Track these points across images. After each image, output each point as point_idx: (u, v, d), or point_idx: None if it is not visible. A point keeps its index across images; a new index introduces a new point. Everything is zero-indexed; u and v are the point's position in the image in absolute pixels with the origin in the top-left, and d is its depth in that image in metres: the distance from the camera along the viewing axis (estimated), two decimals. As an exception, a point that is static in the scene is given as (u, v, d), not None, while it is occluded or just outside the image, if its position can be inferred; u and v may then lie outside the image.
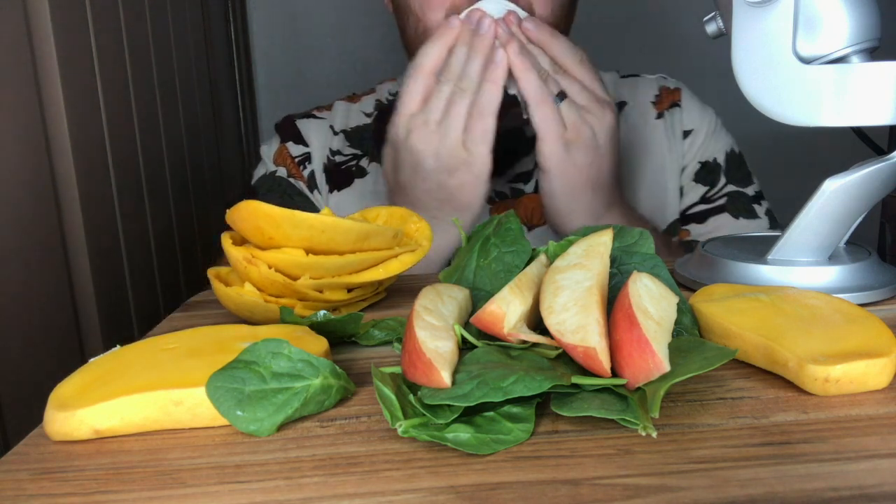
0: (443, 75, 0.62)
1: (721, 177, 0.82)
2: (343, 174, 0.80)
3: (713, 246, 0.53)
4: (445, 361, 0.31)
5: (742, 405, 0.31)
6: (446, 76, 0.61)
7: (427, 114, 0.61)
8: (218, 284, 0.44)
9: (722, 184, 0.81)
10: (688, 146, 0.82)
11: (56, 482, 0.28)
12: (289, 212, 0.41)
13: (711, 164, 0.82)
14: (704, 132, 0.83)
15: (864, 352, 0.32)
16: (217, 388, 0.30)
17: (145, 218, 0.78)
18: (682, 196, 0.82)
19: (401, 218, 0.51)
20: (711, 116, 0.84)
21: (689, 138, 0.82)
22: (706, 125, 0.83)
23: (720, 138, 0.84)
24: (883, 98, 0.43)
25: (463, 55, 0.61)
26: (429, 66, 0.62)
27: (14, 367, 0.54)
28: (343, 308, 0.47)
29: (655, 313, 0.32)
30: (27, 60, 0.58)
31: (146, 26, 0.82)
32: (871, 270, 0.46)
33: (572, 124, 0.62)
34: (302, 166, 0.81)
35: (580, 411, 0.29)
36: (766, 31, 0.44)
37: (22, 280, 0.56)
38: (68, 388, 0.32)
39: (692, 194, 0.82)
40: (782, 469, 0.26)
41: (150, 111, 0.82)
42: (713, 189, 0.81)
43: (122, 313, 0.71)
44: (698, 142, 0.82)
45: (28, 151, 0.58)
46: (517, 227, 0.43)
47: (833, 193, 0.45)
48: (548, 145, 0.61)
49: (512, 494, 0.25)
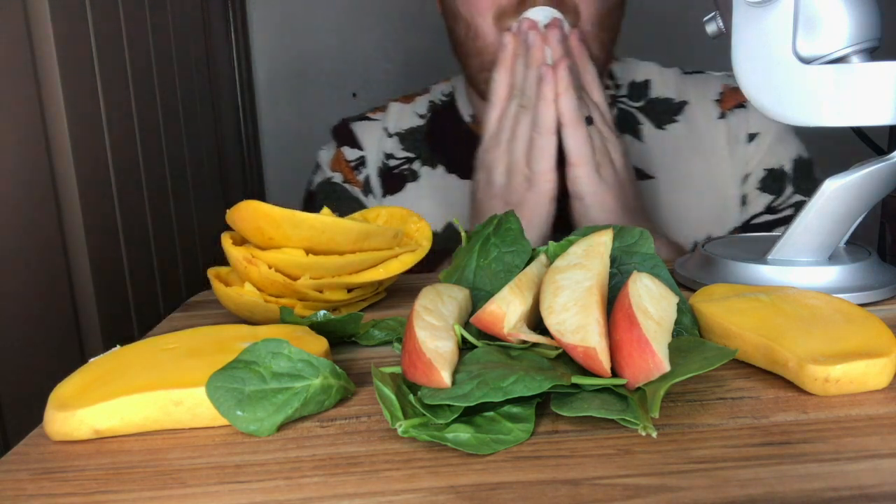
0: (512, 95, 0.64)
1: (788, 185, 0.76)
2: (396, 178, 0.80)
3: (713, 246, 0.53)
4: (445, 361, 0.31)
5: (742, 405, 0.31)
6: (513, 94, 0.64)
7: (500, 133, 0.63)
8: (218, 284, 0.44)
9: (789, 193, 0.76)
10: (753, 151, 0.77)
11: (56, 482, 0.28)
12: (289, 212, 0.41)
13: (777, 172, 0.77)
14: (771, 136, 0.77)
15: (864, 352, 0.32)
16: (217, 388, 0.30)
17: (145, 218, 0.78)
18: (746, 204, 0.77)
19: (401, 218, 0.51)
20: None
21: (755, 142, 0.77)
22: (773, 128, 0.77)
23: (788, 143, 0.78)
24: (883, 98, 0.43)
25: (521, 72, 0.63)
26: (502, 92, 0.64)
27: (14, 367, 0.54)
28: (343, 308, 0.47)
29: (655, 313, 0.32)
30: (27, 60, 0.58)
31: (146, 26, 0.82)
32: (871, 270, 0.46)
33: (599, 149, 0.62)
34: (357, 171, 0.81)
35: (580, 411, 0.29)
36: (766, 30, 0.44)
37: (22, 280, 0.56)
38: (68, 388, 0.32)
39: (757, 203, 0.77)
40: (782, 469, 0.26)
41: (150, 111, 0.82)
42: (779, 198, 0.76)
43: (122, 313, 0.71)
44: (764, 146, 0.77)
45: (28, 151, 0.58)
46: (517, 227, 0.43)
47: (833, 193, 0.45)
48: (582, 169, 0.61)
49: (512, 494, 0.25)
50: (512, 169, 0.63)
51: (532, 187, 0.62)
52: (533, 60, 0.63)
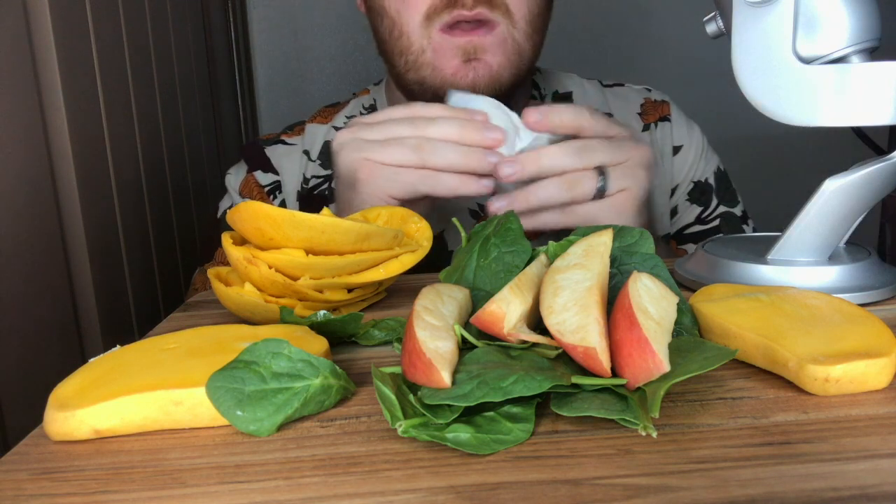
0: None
1: (713, 197, 0.81)
2: (315, 199, 0.77)
3: (713, 246, 0.53)
4: (445, 361, 0.31)
5: (742, 405, 0.31)
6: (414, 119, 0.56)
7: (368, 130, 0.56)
8: (218, 284, 0.44)
9: (714, 204, 0.81)
10: (678, 164, 0.80)
11: (56, 482, 0.28)
12: (289, 212, 0.41)
13: (703, 185, 0.81)
14: (695, 149, 0.81)
15: (864, 352, 0.32)
16: (217, 388, 0.30)
17: (145, 218, 0.78)
18: (677, 214, 0.81)
19: (402, 218, 0.51)
20: (698, 133, 0.82)
21: (680, 155, 0.80)
22: (695, 142, 0.81)
23: (710, 156, 0.82)
24: (883, 98, 0.43)
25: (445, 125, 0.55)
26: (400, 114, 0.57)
27: (14, 367, 0.54)
28: (343, 308, 0.47)
29: (655, 313, 0.32)
30: (27, 61, 0.58)
31: (146, 26, 0.82)
32: (871, 270, 0.46)
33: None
34: (272, 196, 0.78)
35: (580, 411, 0.29)
36: (766, 31, 0.44)
37: (22, 280, 0.56)
38: (68, 388, 0.32)
39: (687, 214, 0.80)
40: (782, 469, 0.26)
41: (150, 111, 0.82)
42: (707, 210, 0.80)
43: (122, 313, 0.71)
44: (690, 159, 0.81)
45: (28, 152, 0.58)
46: (517, 227, 0.43)
47: (833, 193, 0.45)
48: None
49: (512, 494, 0.25)
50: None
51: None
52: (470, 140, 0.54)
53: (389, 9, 0.67)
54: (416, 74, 0.68)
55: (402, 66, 0.69)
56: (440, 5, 0.64)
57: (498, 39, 0.66)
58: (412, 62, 0.68)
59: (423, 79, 0.68)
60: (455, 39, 0.65)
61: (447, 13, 0.64)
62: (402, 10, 0.66)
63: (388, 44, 0.69)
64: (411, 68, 0.68)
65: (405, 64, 0.69)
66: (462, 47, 0.66)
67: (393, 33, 0.68)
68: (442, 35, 0.66)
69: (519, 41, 0.67)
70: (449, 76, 0.66)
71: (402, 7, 0.66)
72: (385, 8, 0.68)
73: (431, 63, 0.67)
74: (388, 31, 0.69)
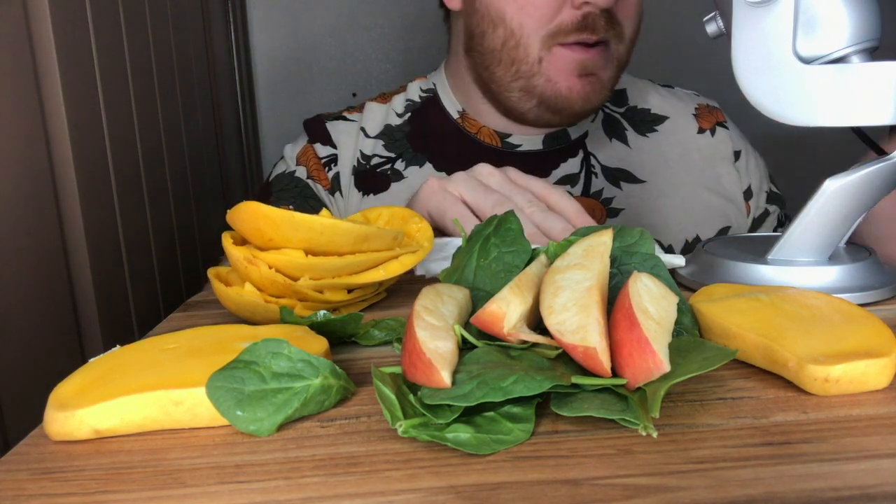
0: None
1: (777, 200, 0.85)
2: (379, 178, 0.79)
3: (713, 246, 0.53)
4: (445, 361, 0.31)
5: (742, 405, 0.31)
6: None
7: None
8: (218, 284, 0.44)
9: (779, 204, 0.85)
10: (741, 167, 0.83)
11: (56, 482, 0.28)
12: (288, 213, 0.41)
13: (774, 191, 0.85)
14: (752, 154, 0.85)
15: (864, 352, 0.32)
16: (217, 388, 0.30)
17: (145, 218, 0.78)
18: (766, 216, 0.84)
19: (402, 219, 0.51)
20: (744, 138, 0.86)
21: (741, 160, 0.83)
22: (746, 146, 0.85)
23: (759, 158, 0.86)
24: (883, 98, 0.43)
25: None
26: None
27: (14, 367, 0.54)
28: (343, 308, 0.47)
29: (655, 313, 0.32)
30: (27, 60, 0.58)
31: (146, 26, 0.82)
32: (871, 270, 0.46)
33: None
34: (327, 168, 0.80)
35: (580, 411, 0.29)
36: (766, 31, 0.44)
37: (22, 280, 0.56)
38: (68, 388, 0.32)
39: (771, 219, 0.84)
40: (782, 469, 0.26)
41: (150, 111, 0.82)
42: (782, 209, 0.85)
43: (122, 313, 0.71)
44: (752, 163, 0.84)
45: (28, 151, 0.58)
46: (517, 227, 0.43)
47: (833, 193, 0.45)
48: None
49: (512, 494, 0.25)
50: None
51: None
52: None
53: (511, 21, 0.69)
54: (527, 83, 0.71)
55: (512, 74, 0.72)
56: (570, 28, 0.67)
57: (610, 57, 0.71)
58: (525, 72, 0.71)
59: (534, 87, 0.71)
60: (575, 56, 0.69)
61: (574, 35, 0.68)
62: (526, 24, 0.69)
63: (499, 52, 0.71)
64: (522, 76, 0.71)
65: (516, 72, 0.71)
66: (581, 63, 0.69)
67: (508, 43, 0.70)
68: (562, 50, 0.69)
69: (622, 56, 0.72)
70: (564, 89, 0.70)
71: (526, 21, 0.69)
72: (505, 20, 0.70)
73: (546, 74, 0.70)
74: (501, 41, 0.71)
